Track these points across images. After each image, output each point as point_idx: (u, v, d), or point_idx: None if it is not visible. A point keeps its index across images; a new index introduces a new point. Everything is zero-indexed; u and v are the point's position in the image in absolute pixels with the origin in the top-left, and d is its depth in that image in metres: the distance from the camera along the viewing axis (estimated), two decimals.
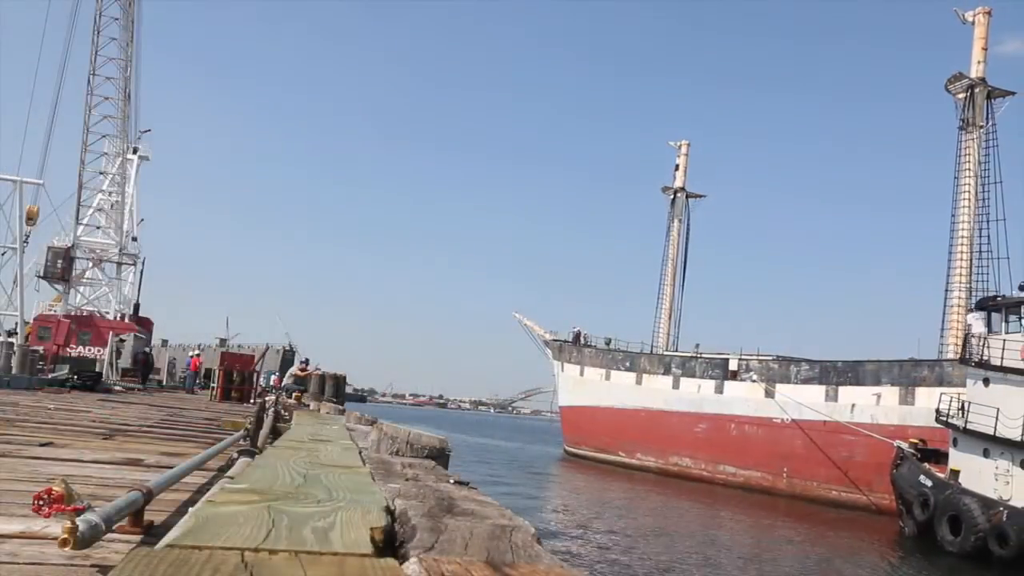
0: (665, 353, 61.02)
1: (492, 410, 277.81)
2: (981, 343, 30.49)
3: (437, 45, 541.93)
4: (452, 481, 4.52)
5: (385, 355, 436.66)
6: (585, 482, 46.75)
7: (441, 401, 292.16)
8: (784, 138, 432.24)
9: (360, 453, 6.07)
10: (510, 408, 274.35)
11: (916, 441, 34.45)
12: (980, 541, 26.36)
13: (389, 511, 3.05)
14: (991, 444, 28.42)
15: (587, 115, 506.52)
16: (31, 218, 38.52)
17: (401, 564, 2.26)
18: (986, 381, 29.77)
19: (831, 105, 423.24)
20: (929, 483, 30.27)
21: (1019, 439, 27.01)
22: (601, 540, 25.00)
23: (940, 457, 32.19)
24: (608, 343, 64.06)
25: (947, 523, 28.00)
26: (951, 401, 31.98)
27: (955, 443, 30.93)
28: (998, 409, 28.08)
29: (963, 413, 30.60)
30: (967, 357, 31.90)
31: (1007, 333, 29.48)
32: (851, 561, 25.94)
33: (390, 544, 2.59)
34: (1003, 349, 28.90)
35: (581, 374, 64.29)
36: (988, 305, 31.71)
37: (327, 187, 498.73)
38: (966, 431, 29.87)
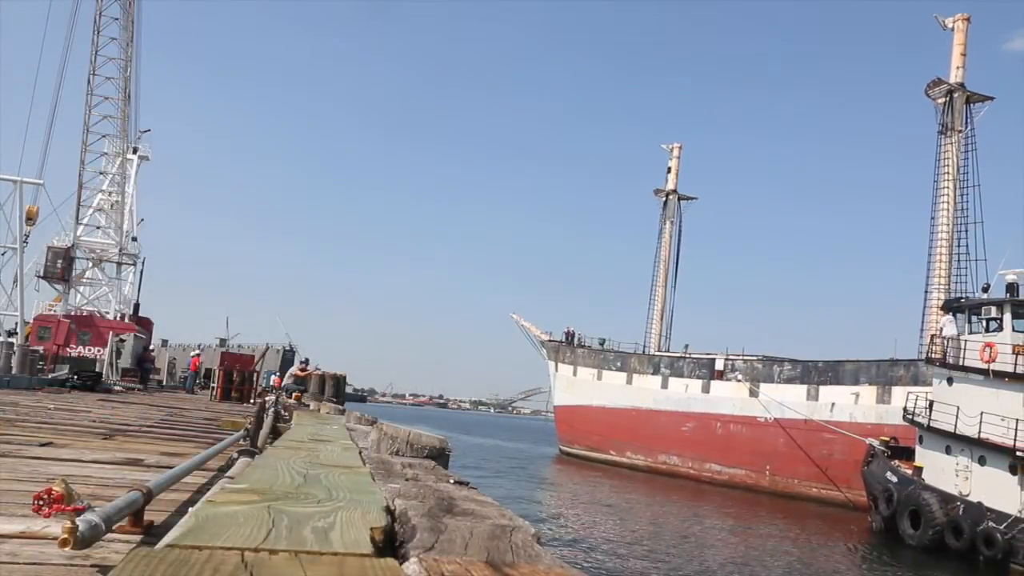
0: (654, 353, 61.69)
1: (492, 410, 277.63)
2: (946, 343, 31.34)
3: (435, 45, 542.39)
4: (452, 481, 4.52)
5: (385, 355, 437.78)
6: (577, 480, 47.22)
7: (441, 401, 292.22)
8: (774, 139, 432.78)
9: (360, 453, 6.07)
10: (510, 408, 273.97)
11: (887, 439, 35.27)
12: (937, 534, 27.41)
13: (389, 511, 3.05)
14: (952, 441, 29.31)
15: (584, 116, 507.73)
16: (31, 218, 38.43)
17: (401, 564, 2.26)
18: (949, 380, 30.68)
19: (817, 107, 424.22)
20: (894, 479, 31.19)
21: (977, 436, 27.87)
22: (594, 538, 25.48)
23: (911, 455, 32.98)
24: (602, 343, 64.46)
25: (908, 517, 29.04)
26: (916, 400, 32.80)
27: (921, 440, 31.88)
28: (958, 407, 28.96)
29: (929, 412, 31.40)
30: (931, 357, 32.82)
31: (969, 334, 30.32)
32: (819, 553, 26.79)
33: (390, 544, 2.59)
34: (965, 349, 29.83)
35: (574, 374, 64.72)
36: (953, 307, 32.55)
37: (327, 187, 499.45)
38: (930, 429, 30.78)
